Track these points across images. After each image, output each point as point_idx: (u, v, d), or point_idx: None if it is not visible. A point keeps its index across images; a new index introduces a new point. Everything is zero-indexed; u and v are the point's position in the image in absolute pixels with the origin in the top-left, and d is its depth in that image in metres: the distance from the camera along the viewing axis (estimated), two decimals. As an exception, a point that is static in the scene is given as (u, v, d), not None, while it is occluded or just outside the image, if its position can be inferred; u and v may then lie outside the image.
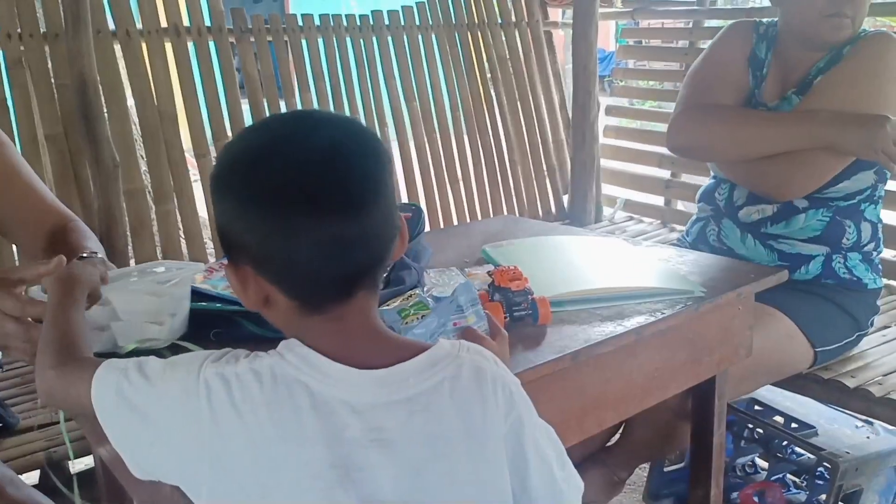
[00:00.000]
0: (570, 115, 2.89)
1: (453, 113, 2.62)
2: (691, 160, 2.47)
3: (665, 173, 2.86)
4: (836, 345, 1.61)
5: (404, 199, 2.28)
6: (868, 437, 1.92)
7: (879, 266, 1.69)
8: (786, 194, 1.60)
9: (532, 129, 2.82)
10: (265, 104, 2.27)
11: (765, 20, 1.77)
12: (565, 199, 2.91)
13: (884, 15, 2.10)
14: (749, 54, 1.72)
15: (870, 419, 1.95)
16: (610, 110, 3.08)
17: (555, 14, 3.12)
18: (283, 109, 2.32)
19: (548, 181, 2.88)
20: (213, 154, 2.24)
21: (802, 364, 1.60)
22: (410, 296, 1.22)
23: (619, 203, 2.98)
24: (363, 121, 2.41)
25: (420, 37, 2.56)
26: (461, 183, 2.59)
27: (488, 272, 1.24)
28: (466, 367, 0.75)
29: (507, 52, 2.76)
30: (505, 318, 1.16)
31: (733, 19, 1.99)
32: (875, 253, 1.67)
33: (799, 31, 1.64)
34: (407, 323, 1.17)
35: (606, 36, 10.60)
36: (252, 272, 0.72)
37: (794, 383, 1.69)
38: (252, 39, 2.27)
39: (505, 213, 2.66)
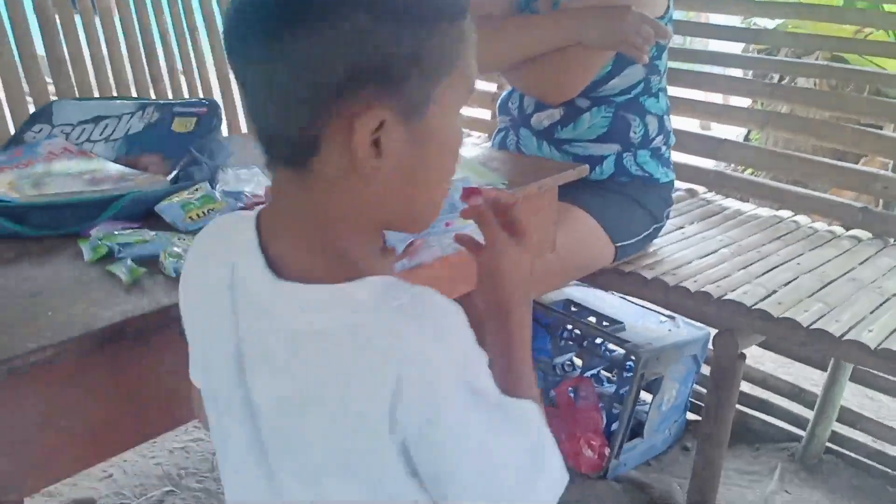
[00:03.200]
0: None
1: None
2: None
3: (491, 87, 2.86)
4: (635, 238, 1.69)
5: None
6: (669, 331, 2.07)
7: (670, 160, 1.78)
8: (556, 96, 1.64)
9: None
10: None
11: None
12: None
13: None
14: None
15: (673, 315, 2.09)
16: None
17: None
18: (75, 4, 2.09)
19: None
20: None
21: (605, 259, 1.67)
22: (197, 189, 1.14)
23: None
24: (170, 25, 2.22)
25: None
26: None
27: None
28: (376, 332, 0.59)
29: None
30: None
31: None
32: (665, 147, 1.75)
33: None
34: (192, 218, 1.10)
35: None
36: None
37: (598, 279, 1.76)
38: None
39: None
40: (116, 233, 1.00)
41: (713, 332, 1.68)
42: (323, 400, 0.62)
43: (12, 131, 1.52)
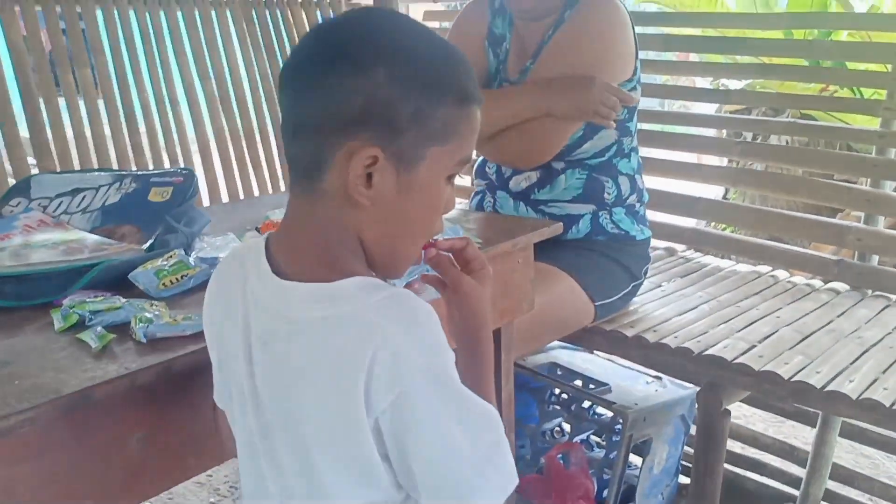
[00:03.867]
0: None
1: (253, 93, 2.53)
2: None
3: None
4: (615, 297, 1.69)
5: (201, 178, 2.14)
6: (656, 391, 2.05)
7: (645, 218, 1.80)
8: (529, 163, 1.67)
9: (339, 111, 2.76)
10: (31, 77, 2.07)
11: None
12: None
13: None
14: (486, 33, 1.74)
15: (659, 375, 2.08)
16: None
17: (367, -5, 3.09)
18: (57, 84, 2.13)
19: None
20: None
21: (585, 318, 1.67)
22: (171, 255, 1.15)
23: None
24: (152, 99, 2.28)
25: (214, 12, 2.45)
26: (265, 165, 2.51)
27: (256, 227, 1.20)
28: (356, 321, 0.70)
29: (308, 30, 2.70)
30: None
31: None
32: (639, 204, 1.77)
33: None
34: (165, 285, 1.10)
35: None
36: None
37: (580, 338, 1.76)
38: (17, 8, 2.07)
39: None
40: (87, 301, 1.00)
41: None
42: (314, 380, 0.72)
43: (-9, 208, 1.52)
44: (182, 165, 2.20)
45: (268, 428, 0.77)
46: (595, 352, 2.17)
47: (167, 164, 2.24)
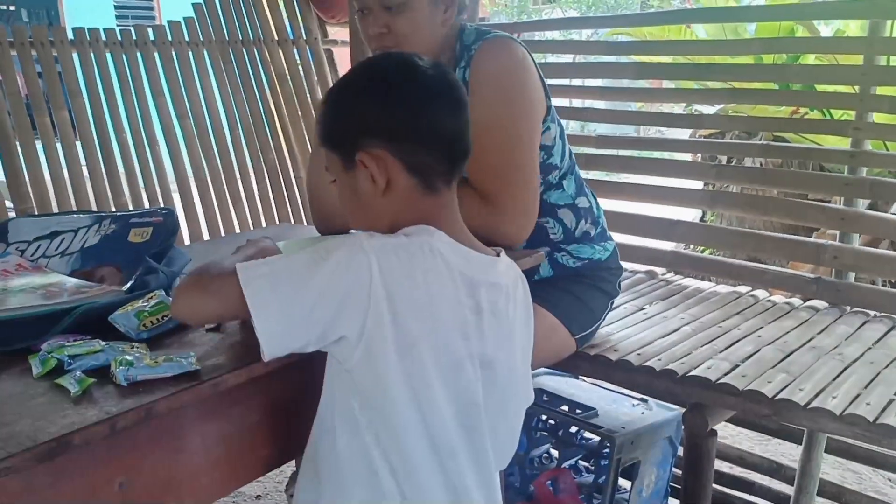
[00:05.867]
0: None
1: (232, 131, 2.54)
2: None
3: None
4: (595, 325, 1.68)
5: (181, 217, 2.14)
6: (642, 413, 2.05)
7: (604, 232, 1.72)
8: (518, 240, 1.50)
9: (318, 145, 2.78)
10: (10, 122, 2.07)
11: None
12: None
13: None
14: None
15: (644, 397, 2.08)
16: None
17: (343, 33, 3.12)
18: (34, 128, 2.13)
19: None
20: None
21: (567, 351, 1.66)
22: (151, 297, 1.14)
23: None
24: (130, 139, 2.28)
25: (191, 53, 2.46)
26: (245, 201, 2.51)
27: (235, 265, 1.20)
28: (522, 279, 1.09)
29: (286, 69, 2.73)
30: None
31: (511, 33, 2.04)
32: (593, 227, 1.67)
33: None
34: (146, 326, 1.09)
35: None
36: (384, 153, 0.96)
37: (565, 364, 1.76)
38: (-6, 54, 2.07)
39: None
40: (66, 345, 0.99)
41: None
42: (518, 319, 1.06)
43: (-32, 254, 1.50)
44: (161, 205, 2.20)
45: (494, 373, 1.00)
46: (580, 376, 2.18)
47: (147, 204, 2.24)
